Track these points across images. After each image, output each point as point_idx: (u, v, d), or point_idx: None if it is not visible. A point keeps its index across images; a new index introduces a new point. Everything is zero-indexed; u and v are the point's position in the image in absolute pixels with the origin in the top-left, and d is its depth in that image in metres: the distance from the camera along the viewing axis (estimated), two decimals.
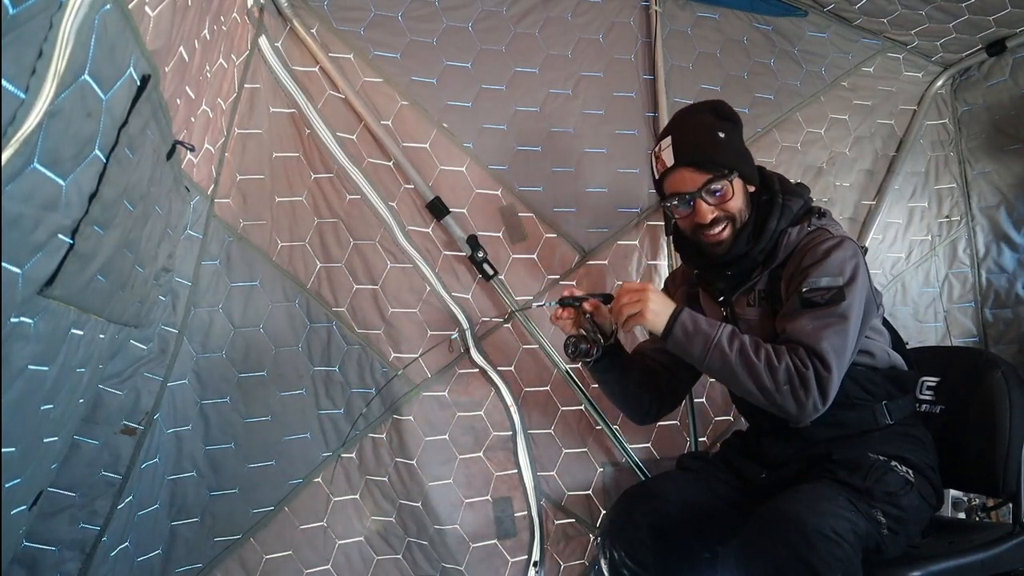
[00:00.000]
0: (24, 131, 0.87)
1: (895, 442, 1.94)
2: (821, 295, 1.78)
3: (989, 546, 1.93)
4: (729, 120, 1.97)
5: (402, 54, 2.66)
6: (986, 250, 3.37)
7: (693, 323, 1.82)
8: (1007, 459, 2.01)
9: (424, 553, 2.64)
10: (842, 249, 1.83)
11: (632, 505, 2.08)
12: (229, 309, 2.46)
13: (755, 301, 1.98)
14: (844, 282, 1.79)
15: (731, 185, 1.89)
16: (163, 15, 1.37)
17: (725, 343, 1.78)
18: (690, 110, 2.02)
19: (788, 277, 1.90)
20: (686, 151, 1.89)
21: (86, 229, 1.16)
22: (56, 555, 1.78)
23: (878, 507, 1.73)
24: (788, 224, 1.94)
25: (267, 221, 2.53)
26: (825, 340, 1.73)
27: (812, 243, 1.88)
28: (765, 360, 1.74)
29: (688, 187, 1.89)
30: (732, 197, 1.89)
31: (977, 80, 3.34)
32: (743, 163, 1.95)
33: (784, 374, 1.72)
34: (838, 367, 1.73)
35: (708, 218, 1.89)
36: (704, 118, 1.95)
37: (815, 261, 1.83)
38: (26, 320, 1.07)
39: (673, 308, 1.85)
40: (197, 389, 2.41)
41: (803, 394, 1.71)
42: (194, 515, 2.41)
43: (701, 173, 1.87)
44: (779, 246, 1.93)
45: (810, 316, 1.77)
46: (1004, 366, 2.12)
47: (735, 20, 3.13)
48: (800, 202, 1.98)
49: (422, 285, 2.69)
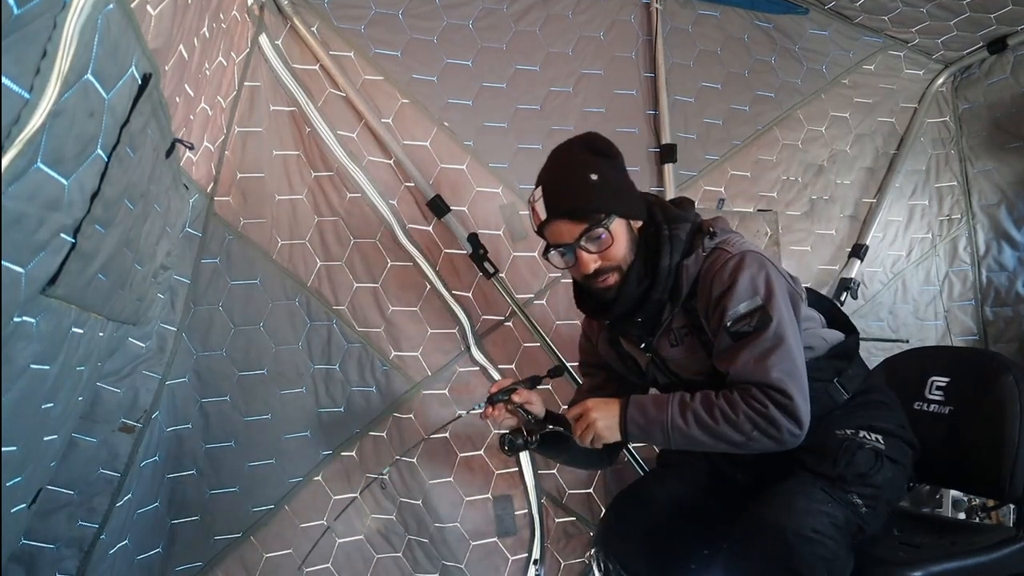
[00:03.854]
0: (28, 131, 0.86)
1: (858, 414, 1.89)
2: (747, 323, 1.70)
3: (991, 549, 1.92)
4: (603, 155, 1.80)
5: (402, 52, 2.66)
6: (986, 248, 3.38)
7: (643, 415, 1.75)
8: (1015, 463, 2.00)
9: (424, 551, 2.64)
10: (745, 265, 1.73)
11: (624, 514, 2.08)
12: (229, 307, 2.46)
13: (677, 340, 1.88)
14: (763, 299, 1.70)
15: (609, 231, 1.74)
16: (164, 13, 1.37)
17: (680, 421, 1.71)
18: (561, 151, 1.84)
19: (704, 311, 1.79)
20: (557, 202, 1.75)
21: (88, 228, 1.15)
22: (54, 553, 1.78)
23: (853, 491, 1.72)
24: (681, 256, 1.82)
25: (267, 219, 2.52)
26: (773, 370, 1.65)
27: (713, 269, 1.77)
28: (723, 418, 1.67)
29: (566, 239, 1.76)
30: (613, 243, 1.75)
31: (978, 78, 3.34)
32: (622, 202, 1.79)
33: (747, 423, 1.65)
34: (798, 388, 1.66)
35: (591, 268, 1.77)
36: (575, 159, 1.79)
37: (724, 289, 1.72)
38: (28, 319, 1.06)
39: (619, 412, 1.77)
40: (197, 387, 2.41)
41: (775, 431, 1.64)
42: (194, 513, 2.41)
43: (576, 224, 1.74)
44: (680, 281, 1.81)
45: (747, 350, 1.69)
46: (1015, 370, 2.09)
47: (736, 18, 3.13)
48: (686, 226, 1.85)
49: (422, 283, 2.68)
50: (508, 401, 1.90)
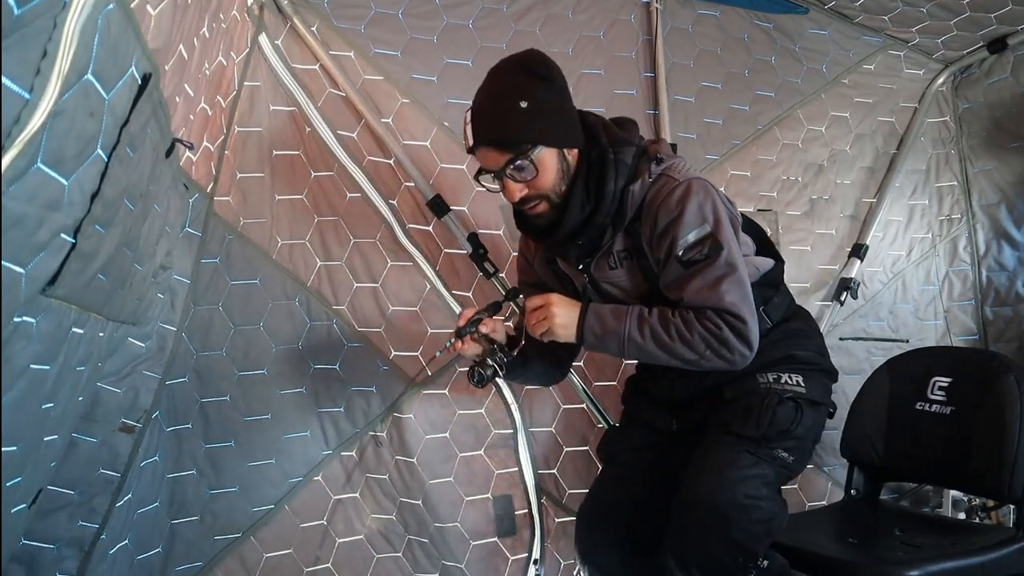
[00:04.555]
0: (28, 131, 0.86)
1: (781, 345, 1.92)
2: (698, 251, 1.70)
3: (991, 549, 1.93)
4: (540, 77, 1.74)
5: (402, 52, 2.65)
6: (986, 248, 3.38)
7: (600, 324, 1.78)
8: (1015, 464, 2.00)
9: (424, 551, 2.64)
10: (692, 192, 1.72)
11: (593, 531, 2.09)
12: (229, 307, 2.46)
13: (616, 263, 1.87)
14: (712, 227, 1.71)
15: (535, 162, 1.71)
16: (164, 13, 1.37)
17: (637, 334, 1.74)
18: (496, 72, 1.78)
19: (649, 238, 1.78)
20: (483, 130, 1.72)
21: (88, 228, 1.15)
22: (54, 553, 1.78)
23: (777, 446, 1.76)
24: (627, 181, 1.79)
25: (267, 219, 2.52)
26: (727, 295, 1.68)
27: (660, 196, 1.75)
28: (678, 336, 1.70)
29: (492, 166, 1.75)
30: (539, 174, 1.72)
31: (978, 78, 3.34)
32: (553, 131, 1.74)
33: (701, 342, 1.69)
34: (750, 312, 1.70)
35: (516, 197, 1.76)
36: (507, 82, 1.73)
37: (672, 218, 1.71)
38: (28, 320, 1.06)
39: (578, 315, 1.80)
40: (197, 387, 2.41)
41: (727, 352, 1.69)
42: (194, 513, 2.41)
43: (501, 152, 1.71)
44: (625, 205, 1.79)
45: (699, 277, 1.70)
46: (1016, 370, 2.10)
47: (736, 17, 3.12)
48: (632, 150, 1.81)
49: (422, 283, 2.68)
50: (476, 332, 1.91)
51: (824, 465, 3.15)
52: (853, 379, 3.22)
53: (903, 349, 3.15)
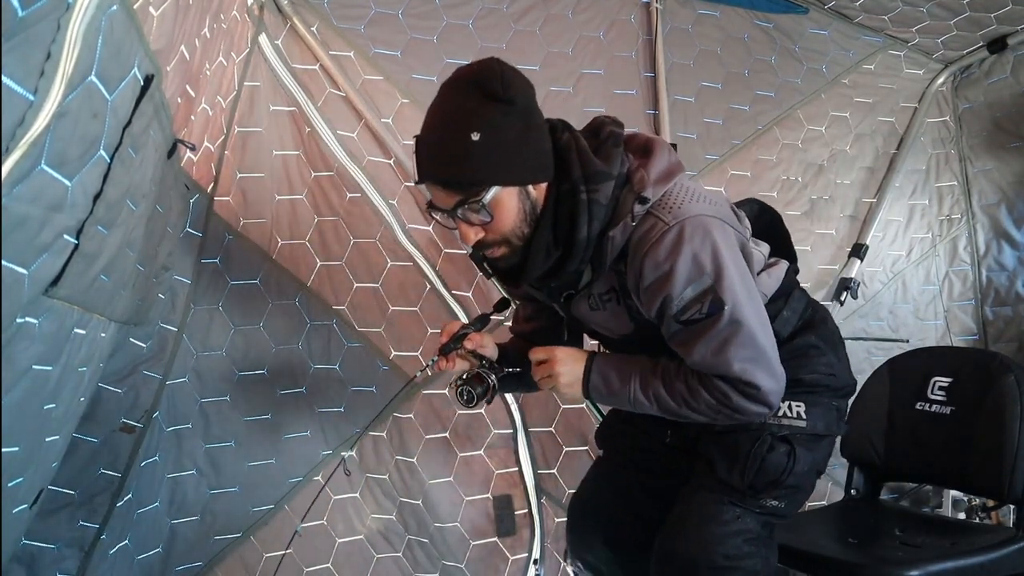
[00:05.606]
0: (32, 133, 0.86)
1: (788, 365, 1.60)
2: (697, 309, 1.46)
3: (991, 549, 1.93)
4: (495, 99, 1.40)
5: (402, 52, 2.65)
6: (986, 248, 3.38)
7: (606, 386, 1.63)
8: (1015, 463, 2.00)
9: (424, 551, 2.64)
10: (685, 239, 1.43)
11: (583, 530, 2.05)
12: (229, 307, 2.46)
13: (598, 304, 1.65)
14: (711, 279, 1.45)
15: (489, 206, 1.43)
16: (166, 14, 1.37)
17: (643, 399, 1.60)
18: (447, 90, 1.46)
19: (636, 290, 1.53)
20: (428, 165, 1.46)
21: (90, 229, 1.15)
22: (55, 553, 1.78)
23: (765, 497, 1.63)
24: (603, 226, 1.50)
25: (267, 219, 2.52)
26: (734, 361, 1.47)
27: (646, 243, 1.46)
28: (684, 403, 1.55)
29: (441, 204, 1.48)
30: (494, 218, 1.45)
31: (978, 77, 3.35)
32: (512, 168, 1.44)
33: (709, 411, 1.54)
34: (765, 371, 1.50)
35: (472, 241, 1.50)
36: (457, 107, 1.42)
37: (663, 274, 1.45)
38: (31, 320, 1.06)
39: (583, 373, 1.63)
40: (197, 387, 2.41)
41: (741, 415, 1.53)
42: (194, 513, 2.41)
43: (449, 194, 1.44)
44: (604, 251, 1.51)
45: (702, 341, 1.48)
46: (1017, 370, 2.10)
47: (736, 17, 3.12)
48: (610, 185, 1.48)
49: (422, 283, 2.68)
50: (461, 348, 1.72)
51: None
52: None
53: (903, 349, 3.16)
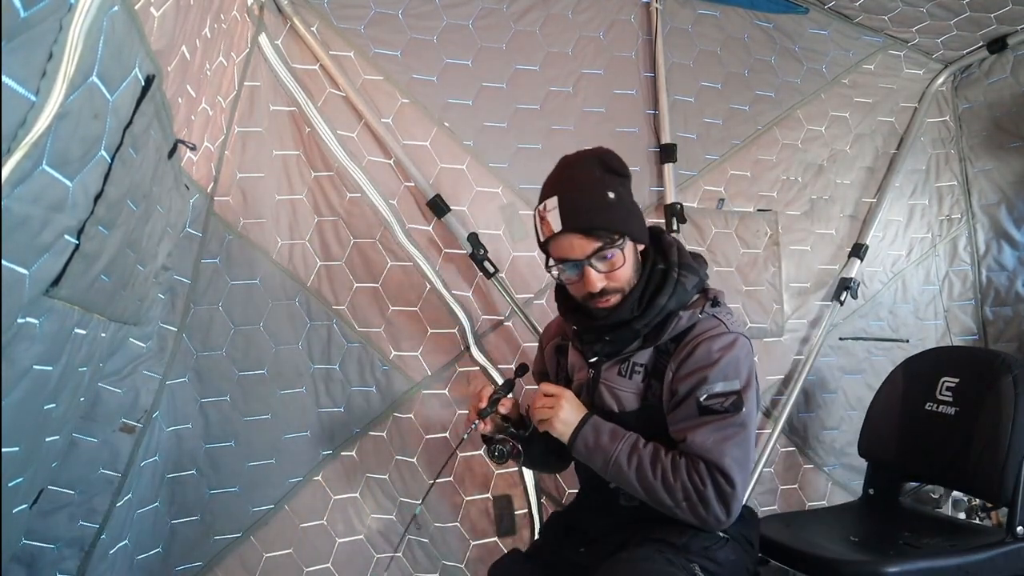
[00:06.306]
0: (34, 134, 0.86)
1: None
2: (720, 402, 1.67)
3: (988, 549, 1.93)
4: (618, 174, 1.76)
5: (402, 52, 2.65)
6: (986, 248, 3.39)
7: (595, 438, 1.74)
8: (1005, 465, 2.00)
9: (424, 551, 2.64)
10: (737, 348, 1.72)
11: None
12: (229, 307, 2.46)
13: (627, 372, 1.83)
14: (741, 386, 1.69)
15: (622, 252, 1.71)
16: (167, 15, 1.37)
17: (623, 460, 1.70)
18: (576, 163, 1.78)
19: (676, 370, 1.74)
20: (573, 216, 1.68)
21: (91, 229, 1.15)
22: (55, 553, 1.78)
23: (696, 561, 1.67)
24: (679, 306, 1.77)
25: (267, 219, 2.52)
26: (728, 455, 1.64)
27: (705, 336, 1.73)
28: (661, 477, 1.66)
29: (576, 254, 1.70)
30: (623, 265, 1.72)
31: (978, 77, 3.35)
32: (633, 224, 1.74)
33: (681, 491, 1.65)
34: (742, 481, 1.65)
35: (598, 287, 1.72)
36: (592, 174, 1.73)
37: (711, 363, 1.69)
38: (32, 320, 1.07)
39: (579, 421, 1.77)
40: (197, 387, 2.41)
41: (703, 510, 1.63)
42: (194, 513, 2.41)
43: (590, 240, 1.68)
44: (666, 326, 1.76)
45: (711, 427, 1.66)
46: (1016, 371, 2.10)
47: (736, 17, 3.13)
48: (695, 280, 1.80)
49: (422, 283, 2.68)
50: (495, 411, 1.87)
51: (824, 465, 3.16)
52: (853, 379, 3.25)
53: (903, 349, 3.16)
